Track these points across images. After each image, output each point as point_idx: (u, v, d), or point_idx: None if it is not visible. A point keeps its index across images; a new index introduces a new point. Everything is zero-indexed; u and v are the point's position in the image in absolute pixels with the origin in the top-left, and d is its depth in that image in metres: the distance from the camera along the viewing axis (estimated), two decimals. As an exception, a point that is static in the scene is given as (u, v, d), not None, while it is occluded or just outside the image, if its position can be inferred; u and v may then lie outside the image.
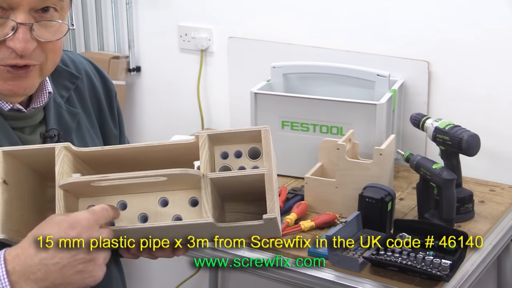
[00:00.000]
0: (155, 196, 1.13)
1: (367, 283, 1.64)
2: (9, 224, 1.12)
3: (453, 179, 1.78)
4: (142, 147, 1.14)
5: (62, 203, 1.09)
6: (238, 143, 1.14)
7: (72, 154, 1.14)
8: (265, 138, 1.09)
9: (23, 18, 1.13)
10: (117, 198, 1.14)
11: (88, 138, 1.36)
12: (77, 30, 2.87)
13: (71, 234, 1.03)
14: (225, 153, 1.15)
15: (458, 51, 2.16)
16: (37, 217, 1.15)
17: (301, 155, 2.10)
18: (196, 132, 1.11)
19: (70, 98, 1.35)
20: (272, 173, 1.08)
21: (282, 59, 2.31)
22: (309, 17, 2.37)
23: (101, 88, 1.43)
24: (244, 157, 1.14)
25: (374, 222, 1.76)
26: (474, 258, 1.73)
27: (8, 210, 1.12)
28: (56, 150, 1.12)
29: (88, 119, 1.38)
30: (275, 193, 1.07)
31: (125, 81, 2.76)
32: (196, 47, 2.61)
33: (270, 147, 1.09)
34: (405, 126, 2.23)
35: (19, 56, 1.15)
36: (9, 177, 1.13)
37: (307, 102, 2.08)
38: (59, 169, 1.11)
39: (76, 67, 1.39)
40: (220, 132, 1.12)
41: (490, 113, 2.15)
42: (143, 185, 1.11)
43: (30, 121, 1.27)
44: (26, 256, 1.03)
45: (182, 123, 2.73)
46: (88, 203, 1.15)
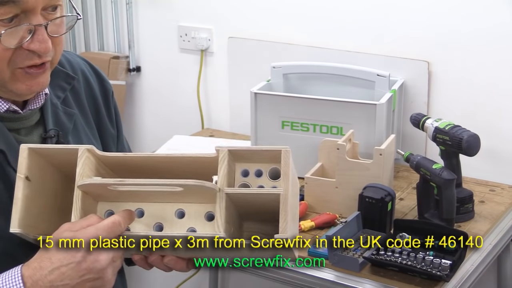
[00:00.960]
0: (173, 207, 1.14)
1: (367, 283, 1.64)
2: (27, 219, 1.13)
3: (453, 179, 1.78)
4: (163, 157, 1.15)
5: (79, 204, 1.10)
6: (259, 162, 1.14)
7: (95, 157, 1.15)
8: (284, 159, 1.09)
9: (38, 20, 1.15)
10: (136, 205, 1.15)
11: (85, 139, 1.36)
12: (77, 30, 2.87)
13: (77, 257, 1.06)
14: (246, 171, 1.14)
15: (458, 51, 2.16)
16: (58, 216, 1.16)
17: (301, 155, 2.10)
18: (217, 147, 1.11)
19: (66, 98, 1.35)
20: (288, 194, 1.07)
21: (282, 59, 2.31)
22: (309, 17, 2.37)
23: (97, 88, 1.43)
24: (264, 177, 1.14)
25: (374, 222, 1.76)
26: (474, 258, 1.73)
27: (28, 206, 1.13)
28: (79, 151, 1.13)
29: (85, 119, 1.38)
30: (288, 214, 1.06)
31: (125, 81, 2.76)
32: (196, 47, 2.61)
33: (289, 168, 1.08)
34: (405, 126, 2.23)
35: (36, 56, 1.17)
36: (33, 174, 1.14)
37: (307, 102, 2.08)
38: (79, 171, 1.12)
39: (72, 67, 1.39)
40: (240, 149, 1.12)
41: (490, 113, 2.15)
42: (161, 195, 1.12)
43: (26, 123, 1.26)
44: (38, 277, 1.06)
45: (182, 123, 2.73)
46: (107, 207, 1.16)
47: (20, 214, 1.11)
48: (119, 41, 2.78)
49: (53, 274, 1.06)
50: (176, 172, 1.15)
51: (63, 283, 1.05)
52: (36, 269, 1.07)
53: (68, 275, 1.06)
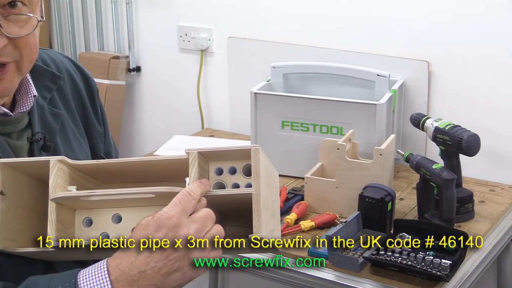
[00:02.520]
0: (150, 210, 1.13)
1: (367, 283, 1.64)
2: (6, 234, 1.12)
3: (453, 179, 1.77)
4: (137, 161, 1.15)
5: (54, 216, 1.10)
6: (232, 159, 1.14)
7: (68, 166, 1.15)
8: (254, 157, 1.08)
9: None
10: (113, 211, 1.15)
11: (73, 139, 1.34)
12: (77, 30, 2.87)
13: (158, 235, 1.02)
14: (220, 169, 1.14)
15: (458, 51, 2.16)
16: (41, 224, 1.15)
17: (301, 155, 2.10)
18: (187, 149, 1.11)
19: (53, 98, 1.32)
20: (259, 193, 1.07)
21: (282, 59, 2.31)
22: (309, 17, 2.37)
23: (83, 86, 1.40)
24: (238, 174, 1.13)
25: (374, 222, 1.76)
26: (474, 258, 1.73)
27: (5, 220, 1.13)
28: (50, 163, 1.12)
29: (72, 119, 1.36)
30: (262, 213, 1.06)
31: (125, 81, 2.76)
32: (196, 47, 2.61)
33: (259, 166, 1.08)
34: (405, 126, 2.23)
35: None
36: (7, 188, 1.13)
37: (307, 102, 2.08)
38: (52, 182, 1.11)
39: (57, 66, 1.36)
40: (211, 150, 1.11)
41: (490, 113, 2.15)
42: (137, 200, 1.12)
43: (17, 126, 1.24)
44: (124, 265, 1.03)
45: (182, 123, 2.73)
46: (85, 215, 1.16)
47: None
48: (119, 41, 2.78)
49: None
50: (151, 174, 1.16)
51: (150, 266, 1.03)
52: (121, 258, 1.04)
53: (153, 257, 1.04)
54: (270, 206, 1.12)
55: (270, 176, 1.14)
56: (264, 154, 1.10)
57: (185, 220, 1.04)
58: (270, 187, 1.13)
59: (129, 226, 1.14)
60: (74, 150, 1.34)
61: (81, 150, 1.36)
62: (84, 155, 1.36)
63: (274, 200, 1.16)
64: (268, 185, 1.11)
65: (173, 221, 1.03)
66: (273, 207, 1.15)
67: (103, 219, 1.15)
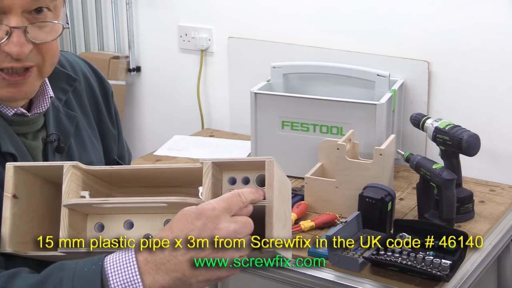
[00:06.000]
0: (162, 217, 1.14)
1: (367, 283, 1.64)
2: (17, 237, 1.13)
3: (453, 179, 1.78)
4: (150, 169, 1.16)
5: (66, 221, 1.11)
6: (246, 169, 1.14)
7: (81, 171, 1.15)
8: (268, 170, 1.08)
9: (16, 22, 1.12)
10: (125, 217, 1.15)
11: (87, 141, 1.35)
12: (77, 30, 2.87)
13: (197, 223, 1.01)
14: (233, 179, 1.14)
15: (458, 51, 2.16)
16: (52, 227, 1.16)
17: (301, 155, 2.10)
18: (201, 159, 1.11)
19: (68, 100, 1.33)
20: (272, 205, 1.07)
21: (282, 59, 2.31)
22: (309, 17, 2.37)
23: (98, 89, 1.41)
24: (251, 184, 1.14)
25: (374, 222, 1.76)
26: (474, 258, 1.73)
27: (17, 223, 1.13)
28: (64, 168, 1.13)
29: (86, 121, 1.37)
30: (274, 226, 1.07)
31: (125, 81, 2.76)
32: (196, 47, 2.61)
33: (273, 178, 1.09)
34: (405, 126, 2.23)
35: (14, 60, 1.14)
36: (20, 191, 1.14)
37: (307, 102, 2.08)
38: (65, 188, 1.12)
39: (73, 68, 1.37)
40: (225, 161, 1.12)
41: (490, 113, 2.15)
42: (149, 207, 1.12)
43: (33, 127, 1.25)
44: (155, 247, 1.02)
45: (182, 123, 2.73)
46: (96, 220, 1.16)
47: (9, 233, 1.11)
48: (119, 41, 2.78)
49: None
50: (164, 180, 1.16)
51: (182, 252, 1.01)
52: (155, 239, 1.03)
53: None
54: (283, 217, 1.13)
55: (283, 186, 1.15)
56: (278, 165, 1.10)
57: (227, 217, 1.03)
58: (282, 197, 1.13)
59: (140, 232, 1.14)
60: (88, 152, 1.34)
61: (94, 152, 1.36)
62: (97, 157, 1.37)
63: (286, 210, 1.16)
64: (280, 196, 1.12)
65: (215, 213, 1.02)
66: (285, 217, 1.15)
67: (115, 225, 1.15)
